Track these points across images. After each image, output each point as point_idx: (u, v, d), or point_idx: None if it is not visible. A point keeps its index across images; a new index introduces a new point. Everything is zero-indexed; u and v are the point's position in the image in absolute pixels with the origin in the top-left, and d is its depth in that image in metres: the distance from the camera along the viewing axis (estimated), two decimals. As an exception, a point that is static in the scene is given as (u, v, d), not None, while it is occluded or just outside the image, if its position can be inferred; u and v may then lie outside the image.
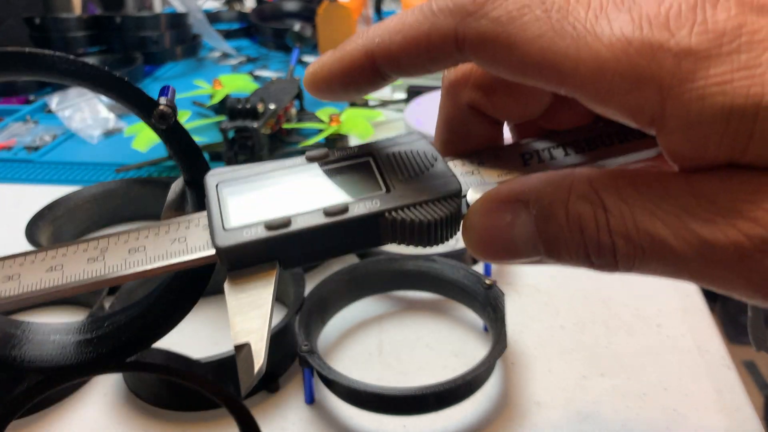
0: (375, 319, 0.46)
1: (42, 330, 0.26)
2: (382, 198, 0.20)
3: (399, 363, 0.42)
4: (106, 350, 0.25)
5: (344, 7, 1.06)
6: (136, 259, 0.20)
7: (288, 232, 0.19)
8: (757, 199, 0.15)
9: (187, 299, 0.25)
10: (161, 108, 0.21)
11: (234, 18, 1.33)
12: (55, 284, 0.19)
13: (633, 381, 0.39)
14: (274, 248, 0.19)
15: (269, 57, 1.15)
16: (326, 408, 0.38)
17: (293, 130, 0.76)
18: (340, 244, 0.20)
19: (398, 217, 0.19)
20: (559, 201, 0.17)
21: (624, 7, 0.16)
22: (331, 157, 0.21)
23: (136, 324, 0.26)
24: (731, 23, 0.15)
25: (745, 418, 0.36)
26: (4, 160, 0.76)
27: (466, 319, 0.45)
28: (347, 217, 0.19)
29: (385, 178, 0.20)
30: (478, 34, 0.17)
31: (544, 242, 0.17)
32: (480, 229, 0.19)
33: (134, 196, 0.59)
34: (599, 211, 0.16)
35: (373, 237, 0.20)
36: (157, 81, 1.04)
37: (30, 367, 0.24)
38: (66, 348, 0.25)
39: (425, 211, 0.19)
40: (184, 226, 0.21)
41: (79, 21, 1.06)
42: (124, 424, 0.38)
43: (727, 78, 0.14)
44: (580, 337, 0.43)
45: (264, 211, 0.20)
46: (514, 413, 0.37)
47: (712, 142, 0.15)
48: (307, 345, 0.37)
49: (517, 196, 0.18)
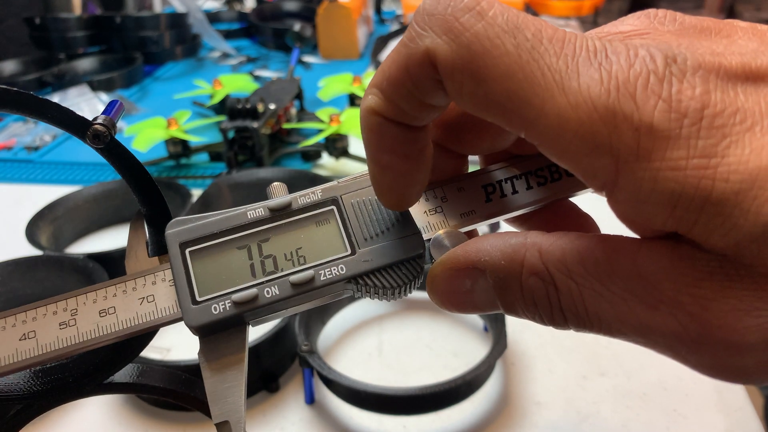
0: (375, 320, 0.46)
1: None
2: (347, 263, 0.20)
3: (399, 363, 0.42)
4: (82, 372, 0.24)
5: (344, 6, 1.06)
6: (109, 323, 0.20)
7: (255, 306, 0.20)
8: (697, 293, 0.15)
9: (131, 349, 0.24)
10: (95, 126, 0.20)
11: (234, 18, 1.33)
12: (30, 355, 0.19)
13: (633, 381, 0.39)
14: (243, 317, 0.20)
15: (269, 57, 1.15)
16: (326, 408, 0.38)
17: (293, 130, 0.76)
18: (307, 305, 0.21)
19: (363, 283, 0.20)
20: (514, 275, 0.18)
21: (596, 60, 0.15)
22: (294, 206, 0.21)
23: (108, 345, 0.25)
24: (694, 104, 0.15)
25: (745, 418, 0.36)
26: (4, 160, 0.76)
27: (466, 320, 0.45)
28: (313, 286, 0.20)
29: (349, 234, 0.21)
30: (448, 58, 0.16)
31: (502, 304, 0.19)
32: (443, 293, 0.20)
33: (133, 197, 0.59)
34: (550, 288, 0.17)
35: (339, 296, 0.21)
36: (157, 81, 1.04)
37: (2, 397, 0.23)
38: (39, 374, 0.24)
39: (390, 278, 0.20)
40: (150, 282, 0.21)
41: (79, 21, 1.06)
42: (124, 423, 0.38)
43: (681, 164, 0.14)
44: (580, 338, 0.43)
45: (230, 280, 0.20)
46: (514, 413, 0.37)
47: (658, 219, 0.15)
48: (307, 345, 0.37)
49: (475, 264, 0.19)
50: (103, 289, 0.20)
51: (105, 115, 0.21)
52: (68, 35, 1.04)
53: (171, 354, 0.43)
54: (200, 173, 0.70)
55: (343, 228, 0.21)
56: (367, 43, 1.18)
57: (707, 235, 0.15)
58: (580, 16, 1.18)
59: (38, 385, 0.24)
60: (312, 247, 0.20)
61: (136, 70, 1.00)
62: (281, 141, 0.74)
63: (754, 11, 1.85)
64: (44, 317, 0.20)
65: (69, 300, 0.20)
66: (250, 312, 0.20)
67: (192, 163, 0.72)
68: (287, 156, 0.72)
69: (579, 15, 1.17)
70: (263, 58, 1.14)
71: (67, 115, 0.21)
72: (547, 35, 0.16)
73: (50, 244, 0.53)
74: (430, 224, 0.21)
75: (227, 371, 0.20)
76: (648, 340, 0.16)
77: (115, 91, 0.94)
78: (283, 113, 0.73)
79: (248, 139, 0.65)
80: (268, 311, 0.20)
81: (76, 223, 0.57)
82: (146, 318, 0.20)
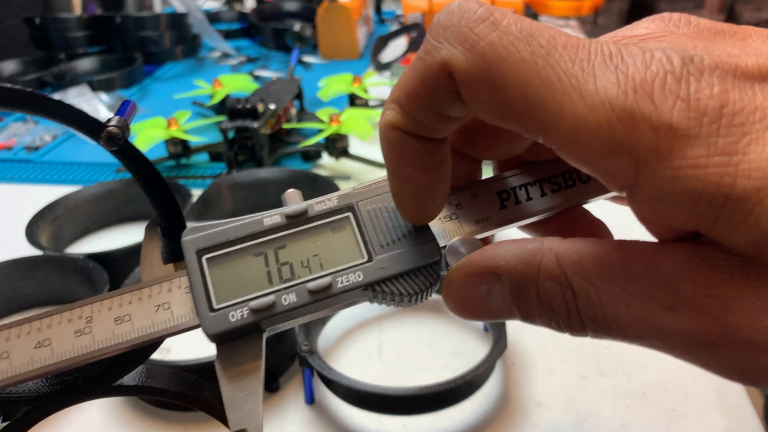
0: (375, 320, 0.46)
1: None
2: (364, 270, 0.20)
3: (399, 363, 0.42)
4: (91, 374, 0.24)
5: (344, 7, 1.06)
6: (124, 331, 0.20)
7: (273, 313, 0.20)
8: (716, 294, 0.15)
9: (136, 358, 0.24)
10: (109, 129, 0.20)
11: (234, 18, 1.33)
12: (46, 364, 0.19)
13: (633, 381, 0.39)
14: (260, 325, 0.20)
15: (269, 57, 1.15)
16: (326, 408, 0.38)
17: (293, 130, 0.76)
18: (324, 312, 0.21)
19: (380, 290, 0.20)
20: (530, 280, 0.18)
21: (611, 63, 0.15)
22: (310, 212, 0.21)
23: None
24: (713, 103, 0.15)
25: (745, 418, 0.36)
26: (4, 160, 0.76)
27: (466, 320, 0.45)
28: (331, 293, 0.20)
29: (366, 241, 0.21)
30: (464, 68, 0.16)
31: (518, 310, 0.18)
32: (459, 299, 0.20)
33: (134, 196, 0.59)
34: (567, 293, 0.17)
35: (355, 303, 0.21)
36: (158, 81, 1.04)
37: (9, 398, 0.23)
38: (48, 376, 0.23)
39: (407, 285, 0.20)
40: (166, 289, 0.20)
41: (79, 21, 1.06)
42: (123, 424, 0.38)
43: (702, 162, 0.14)
44: (580, 338, 0.43)
45: (247, 287, 0.20)
46: (514, 413, 0.37)
47: (679, 218, 0.15)
48: (307, 345, 0.37)
49: (491, 269, 0.19)
50: (119, 296, 0.20)
51: (119, 116, 0.21)
52: (68, 35, 1.04)
53: (171, 354, 0.43)
54: (200, 173, 0.70)
55: (359, 235, 0.21)
56: (367, 44, 1.18)
57: (728, 234, 0.15)
58: (579, 16, 1.18)
59: (48, 387, 0.24)
60: (329, 254, 0.20)
61: (136, 70, 1.00)
62: (281, 141, 0.74)
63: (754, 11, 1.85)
64: (59, 325, 0.20)
65: (84, 308, 0.20)
66: (268, 319, 0.20)
67: (192, 163, 0.72)
68: (287, 156, 0.73)
69: (579, 15, 1.17)
70: (263, 58, 1.14)
71: (81, 117, 0.21)
72: (561, 42, 0.16)
73: (50, 244, 0.53)
74: (445, 231, 0.21)
75: (244, 379, 0.20)
76: (666, 344, 0.16)
77: (115, 91, 0.94)
78: (283, 113, 0.73)
79: (248, 139, 0.65)
80: (285, 318, 0.20)
81: (76, 223, 0.57)
82: (162, 325, 0.20)
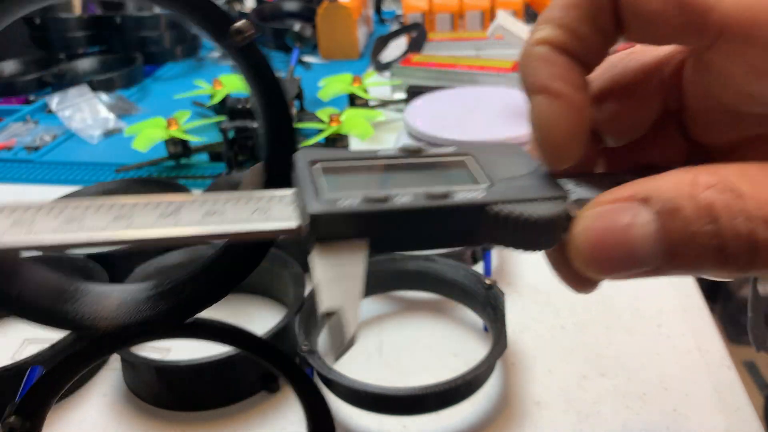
0: (375, 320, 0.46)
1: (97, 287, 0.24)
2: (486, 190, 0.18)
3: (399, 363, 0.42)
4: (165, 308, 0.23)
5: (344, 7, 1.06)
6: (213, 221, 0.18)
7: (386, 209, 0.17)
8: None
9: (245, 265, 0.23)
10: (238, 25, 0.19)
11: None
12: (123, 238, 0.17)
13: (633, 381, 0.39)
14: (369, 224, 0.18)
15: (269, 57, 1.15)
16: (326, 408, 0.38)
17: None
18: (436, 234, 0.18)
19: (503, 211, 0.18)
20: (685, 193, 0.15)
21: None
22: (428, 152, 0.20)
23: (199, 280, 0.24)
24: None
25: (745, 418, 0.36)
26: (4, 160, 0.76)
27: (466, 320, 0.45)
28: (449, 203, 0.18)
29: (487, 173, 0.19)
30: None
31: (667, 243, 0.15)
32: (593, 233, 0.16)
33: (134, 196, 0.59)
34: (732, 196, 0.15)
35: (471, 231, 0.18)
36: (158, 81, 1.04)
37: (84, 323, 0.23)
38: (123, 304, 0.23)
39: (532, 208, 0.18)
40: (265, 200, 0.19)
41: (79, 21, 1.06)
42: (123, 424, 0.38)
43: None
44: (580, 338, 0.43)
45: (360, 187, 0.18)
46: (514, 413, 0.37)
47: None
48: (307, 345, 0.37)
49: (635, 193, 0.16)
50: (211, 198, 0.19)
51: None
52: (68, 35, 1.04)
53: (171, 354, 0.43)
54: (200, 173, 0.70)
55: (480, 168, 0.20)
56: (367, 44, 1.18)
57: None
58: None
59: (121, 315, 0.23)
60: (449, 177, 0.19)
61: (136, 70, 1.00)
62: (281, 141, 0.74)
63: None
64: (144, 206, 0.18)
65: (172, 198, 0.18)
66: (379, 218, 0.17)
67: (192, 163, 0.72)
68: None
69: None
70: (263, 58, 1.14)
71: (207, 6, 0.19)
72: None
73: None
74: (570, 192, 0.19)
75: (345, 262, 0.17)
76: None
77: (115, 92, 0.94)
78: (283, 113, 0.73)
79: (249, 139, 0.65)
80: (396, 223, 0.18)
81: (76, 223, 0.57)
82: (256, 225, 0.18)
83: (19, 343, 0.45)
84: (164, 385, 0.38)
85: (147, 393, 0.39)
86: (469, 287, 0.43)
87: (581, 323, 0.44)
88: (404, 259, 0.45)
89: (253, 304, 0.48)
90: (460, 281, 0.43)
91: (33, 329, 0.46)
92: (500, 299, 0.40)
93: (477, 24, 1.12)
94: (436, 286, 0.45)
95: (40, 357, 0.37)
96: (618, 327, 0.44)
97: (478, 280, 0.42)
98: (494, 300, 0.40)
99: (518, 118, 0.66)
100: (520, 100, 0.70)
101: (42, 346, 0.39)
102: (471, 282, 0.43)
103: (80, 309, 0.23)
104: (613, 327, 0.44)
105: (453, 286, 0.44)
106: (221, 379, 0.38)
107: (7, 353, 0.44)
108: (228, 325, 0.25)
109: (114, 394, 0.40)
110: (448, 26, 1.12)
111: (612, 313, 0.45)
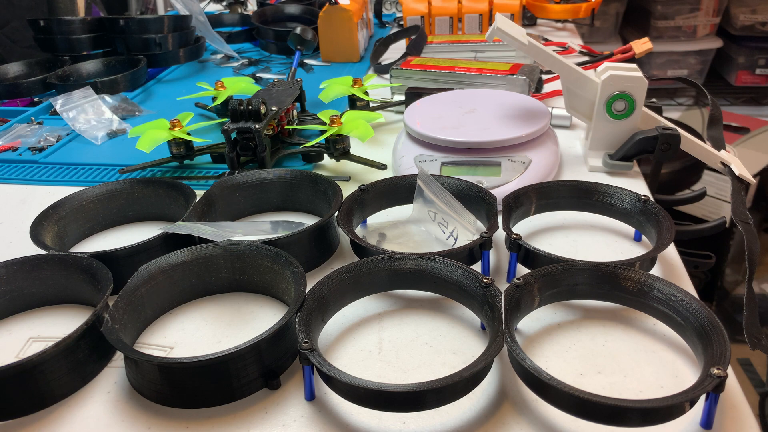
0: (374, 318, 0.46)
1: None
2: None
3: (398, 360, 0.42)
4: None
5: (345, 9, 1.07)
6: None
7: None
8: None
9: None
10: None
11: (236, 21, 1.34)
12: None
13: (630, 379, 0.40)
14: None
15: (271, 59, 1.16)
16: (326, 405, 0.39)
17: (295, 132, 0.77)
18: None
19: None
20: None
21: None
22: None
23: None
24: None
25: (741, 415, 0.37)
26: (10, 161, 0.77)
27: (464, 318, 0.46)
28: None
29: None
30: None
31: None
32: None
33: (138, 197, 0.60)
34: None
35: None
36: (161, 83, 1.05)
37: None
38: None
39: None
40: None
41: (82, 23, 1.07)
42: (126, 421, 0.38)
43: None
44: (577, 335, 0.44)
45: None
46: (511, 409, 0.38)
47: None
48: (307, 343, 0.37)
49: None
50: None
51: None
52: (72, 37, 1.05)
53: (174, 352, 0.44)
54: (203, 174, 0.71)
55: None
56: (367, 46, 1.19)
57: None
58: (576, 18, 1.18)
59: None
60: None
61: (140, 72, 1.01)
62: (283, 142, 0.75)
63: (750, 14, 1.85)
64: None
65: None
66: None
67: (195, 164, 0.73)
68: (288, 157, 0.73)
69: (576, 18, 1.17)
70: (265, 61, 1.15)
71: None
72: None
73: (54, 244, 0.54)
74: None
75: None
76: None
77: (119, 93, 0.95)
78: (284, 115, 0.74)
79: (251, 140, 0.66)
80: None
81: (80, 223, 0.58)
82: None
83: (24, 342, 0.45)
84: (167, 383, 0.39)
85: (150, 390, 0.40)
86: (467, 286, 0.43)
87: (578, 321, 0.45)
88: (403, 259, 0.45)
89: (256, 302, 0.48)
90: (458, 280, 0.44)
91: (38, 328, 0.47)
92: (497, 297, 0.40)
93: (475, 27, 1.12)
94: (434, 285, 0.46)
95: (45, 355, 0.38)
96: (614, 325, 0.44)
97: (476, 279, 0.42)
98: (491, 298, 0.41)
99: (516, 120, 0.66)
100: (518, 102, 0.71)
101: (47, 344, 0.39)
102: (469, 281, 0.43)
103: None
104: (610, 325, 0.44)
105: (451, 284, 0.44)
106: (223, 376, 0.38)
107: (12, 351, 0.44)
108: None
109: (117, 392, 0.41)
110: (447, 29, 1.13)
111: (609, 312, 0.46)
